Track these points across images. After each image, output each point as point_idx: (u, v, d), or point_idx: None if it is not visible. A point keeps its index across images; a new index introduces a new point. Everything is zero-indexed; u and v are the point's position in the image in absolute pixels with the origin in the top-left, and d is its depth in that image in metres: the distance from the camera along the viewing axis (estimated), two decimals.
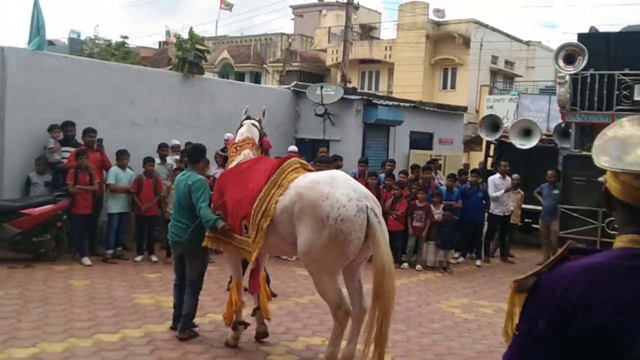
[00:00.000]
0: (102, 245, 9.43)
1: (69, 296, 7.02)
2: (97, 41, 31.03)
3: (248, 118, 6.55)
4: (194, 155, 6.19)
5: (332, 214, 4.61)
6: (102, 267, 8.74)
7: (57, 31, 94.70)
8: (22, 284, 7.38)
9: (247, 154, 5.96)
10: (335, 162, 11.16)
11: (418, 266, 10.44)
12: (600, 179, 1.62)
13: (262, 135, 6.44)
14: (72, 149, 9.30)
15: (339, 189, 4.75)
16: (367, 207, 4.71)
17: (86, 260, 8.81)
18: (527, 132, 13.06)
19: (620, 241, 1.55)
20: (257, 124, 6.45)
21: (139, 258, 9.37)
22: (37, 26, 9.97)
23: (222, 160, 11.03)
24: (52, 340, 5.48)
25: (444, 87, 30.96)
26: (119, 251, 9.52)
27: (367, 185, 10.87)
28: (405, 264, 10.52)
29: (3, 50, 9.26)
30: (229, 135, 11.35)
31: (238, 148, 6.07)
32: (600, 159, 1.54)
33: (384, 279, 4.61)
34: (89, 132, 9.44)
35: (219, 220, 5.40)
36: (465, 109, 17.94)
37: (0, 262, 8.39)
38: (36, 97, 9.52)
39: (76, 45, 29.99)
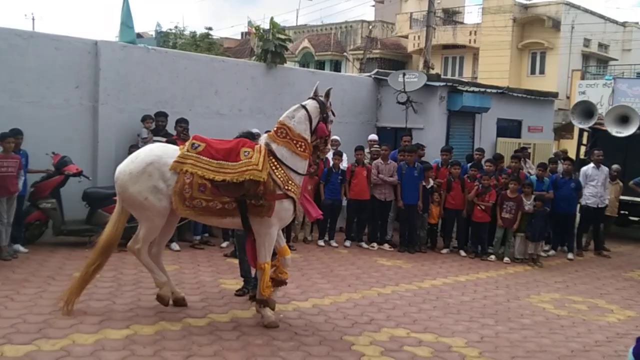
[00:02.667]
0: (189, 231, 9.71)
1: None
2: (182, 33, 31.97)
3: (315, 97, 6.08)
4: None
5: None
6: (189, 252, 8.99)
7: (145, 24, 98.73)
8: (116, 268, 7.70)
9: (262, 141, 5.94)
10: (417, 151, 10.95)
11: (506, 259, 10.07)
12: None
13: (321, 119, 5.97)
14: (163, 139, 9.60)
15: None
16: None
17: (175, 246, 9.10)
18: (624, 119, 12.28)
19: None
20: (317, 105, 5.99)
21: (224, 244, 9.57)
22: (126, 20, 10.35)
23: None
24: (144, 323, 5.67)
25: (532, 72, 29.76)
26: (205, 237, 9.78)
27: (450, 174, 10.63)
28: (493, 257, 10.18)
29: (97, 44, 9.66)
30: None
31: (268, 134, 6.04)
32: None
33: None
34: (180, 122, 9.71)
35: None
36: (555, 94, 17.08)
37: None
38: (127, 88, 9.89)
39: (163, 38, 31.01)
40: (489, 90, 14.13)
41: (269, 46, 11.86)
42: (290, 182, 5.73)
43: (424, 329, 6.15)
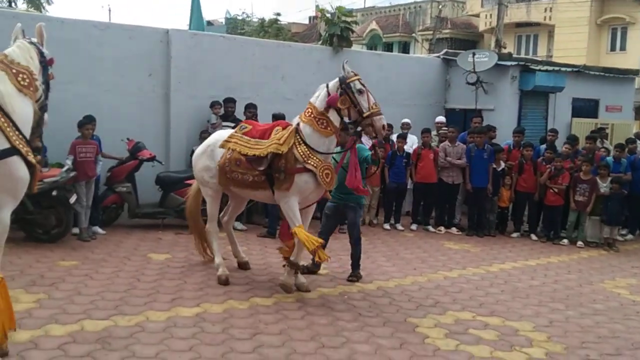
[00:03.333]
0: (257, 214, 9.94)
1: (228, 262, 7.41)
2: (251, 19, 32.39)
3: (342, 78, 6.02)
4: None
5: None
6: (257, 235, 9.19)
7: (214, 12, 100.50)
8: (188, 249, 7.99)
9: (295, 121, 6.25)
10: (488, 133, 10.70)
11: (579, 243, 9.72)
12: None
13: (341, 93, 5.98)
14: (231, 125, 9.82)
15: None
16: None
17: (238, 225, 9.40)
18: None
19: None
20: (337, 80, 6.04)
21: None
22: (196, 9, 10.62)
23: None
24: (214, 301, 5.88)
25: (612, 48, 28.33)
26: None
27: (522, 157, 10.32)
28: (565, 240, 9.86)
29: (168, 33, 9.97)
30: None
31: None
32: None
33: None
34: (249, 107, 9.90)
35: None
36: (636, 72, 16.16)
37: (169, 228, 9.17)
38: (197, 75, 10.16)
39: (232, 25, 31.52)
40: (563, 68, 13.57)
41: (334, 30, 11.86)
42: (311, 157, 5.99)
43: (490, 312, 6.07)
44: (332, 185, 6.22)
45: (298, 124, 6.16)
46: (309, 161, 5.98)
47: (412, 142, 10.91)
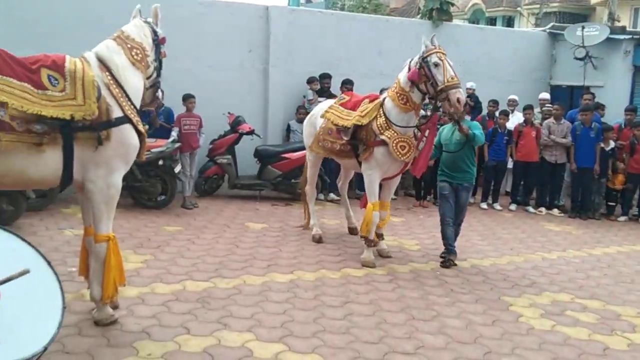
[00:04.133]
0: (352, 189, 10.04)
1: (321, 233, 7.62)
2: None
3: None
4: None
5: None
6: (353, 209, 9.25)
7: None
8: (283, 220, 8.23)
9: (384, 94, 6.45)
10: (596, 110, 10.12)
11: None
12: None
13: (420, 66, 5.95)
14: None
15: None
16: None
17: (332, 196, 9.67)
18: None
19: None
20: (418, 55, 6.04)
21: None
22: None
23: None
24: (307, 270, 6.04)
25: None
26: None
27: (634, 136, 9.66)
28: None
29: (267, 9, 10.17)
30: (472, 84, 11.00)
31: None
32: None
33: None
34: (346, 83, 9.95)
35: None
36: None
37: (266, 199, 9.47)
38: (295, 51, 10.32)
39: (331, 1, 31.53)
40: None
41: (434, 3, 11.61)
42: (388, 129, 6.09)
43: (590, 295, 5.81)
44: (407, 158, 6.18)
45: (384, 98, 6.29)
46: (385, 133, 6.10)
47: (518, 120, 10.53)
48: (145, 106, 4.87)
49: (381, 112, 6.20)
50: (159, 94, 4.92)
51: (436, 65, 5.83)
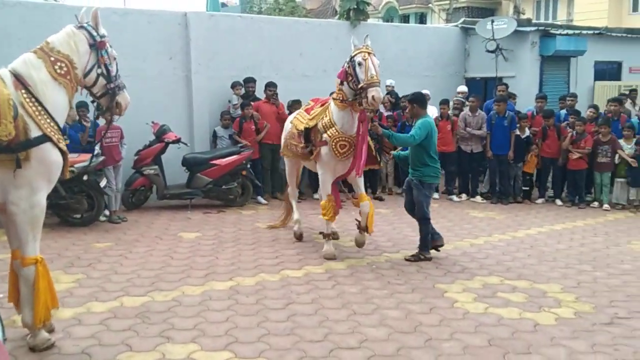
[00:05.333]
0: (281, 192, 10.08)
1: (257, 237, 7.63)
2: None
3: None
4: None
5: None
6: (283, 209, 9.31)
7: None
8: (217, 227, 8.17)
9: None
10: (507, 100, 10.61)
11: (605, 205, 9.68)
12: None
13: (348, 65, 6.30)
14: (251, 103, 9.93)
15: None
16: None
17: (260, 200, 9.78)
18: None
19: None
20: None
21: (316, 195, 10.11)
22: None
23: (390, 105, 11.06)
24: (246, 275, 6.04)
25: (635, 9, 27.62)
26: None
27: (545, 122, 10.21)
28: (595, 203, 9.80)
29: (186, 15, 10.05)
30: (391, 81, 11.32)
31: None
32: None
33: None
34: (269, 86, 10.00)
35: None
36: None
37: (197, 208, 9.36)
38: (217, 56, 10.25)
39: (247, 4, 31.42)
40: (584, 32, 13.39)
41: (351, 4, 11.82)
42: (329, 129, 6.39)
43: (517, 276, 6.14)
44: (346, 156, 6.39)
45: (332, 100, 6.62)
46: (328, 132, 6.38)
47: (432, 114, 10.87)
48: (102, 115, 4.72)
49: (327, 113, 6.51)
50: (123, 101, 4.70)
51: (359, 64, 6.06)
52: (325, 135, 6.40)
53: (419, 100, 6.77)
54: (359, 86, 6.03)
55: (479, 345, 4.43)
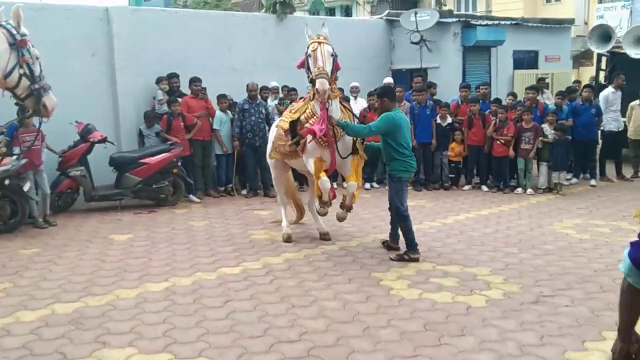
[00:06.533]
0: (214, 188, 10.04)
1: (191, 236, 7.54)
2: None
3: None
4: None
5: None
6: (218, 208, 9.25)
7: None
8: (149, 228, 8.01)
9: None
10: (428, 90, 10.91)
11: (529, 190, 10.13)
12: None
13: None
14: (178, 100, 9.76)
15: None
16: None
17: (193, 198, 9.73)
18: None
19: None
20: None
21: (244, 191, 10.27)
22: None
23: None
24: (181, 275, 5.96)
25: (548, 0, 28.92)
26: (229, 187, 10.32)
27: (470, 111, 10.58)
28: (519, 189, 10.23)
29: (108, 10, 9.74)
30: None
31: None
32: None
33: None
34: (194, 81, 9.87)
35: None
36: (572, 21, 16.68)
37: (127, 209, 9.13)
38: (142, 52, 10.00)
39: None
40: (503, 22, 13.93)
41: None
42: (312, 118, 6.47)
43: (449, 261, 6.35)
44: (326, 144, 6.41)
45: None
46: (310, 121, 6.49)
47: (361, 106, 11.04)
48: (28, 117, 4.51)
49: (308, 105, 6.59)
50: (49, 102, 4.48)
51: (309, 55, 6.28)
52: (307, 125, 6.45)
53: (388, 94, 6.63)
54: (310, 77, 6.31)
55: (415, 330, 4.57)
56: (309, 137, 6.41)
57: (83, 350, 4.28)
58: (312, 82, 6.21)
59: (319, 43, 6.27)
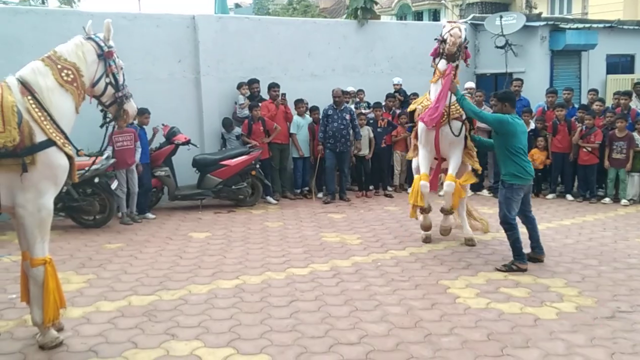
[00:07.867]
0: (290, 190, 10.24)
1: (265, 236, 7.74)
2: None
3: None
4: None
5: None
6: (293, 210, 9.42)
7: None
8: (226, 227, 8.29)
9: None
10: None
11: (623, 201, 9.56)
12: None
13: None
14: (259, 104, 10.05)
15: None
16: None
17: (270, 199, 9.93)
18: None
19: None
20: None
21: (320, 194, 10.36)
22: None
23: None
24: (252, 273, 6.14)
25: None
26: (305, 190, 10.51)
27: (556, 117, 10.17)
28: (607, 199, 9.73)
29: (194, 18, 10.18)
30: (398, 79, 11.36)
31: None
32: None
33: None
34: (273, 87, 10.11)
35: None
36: None
37: (208, 208, 9.49)
38: (225, 58, 10.37)
39: (259, 5, 31.57)
40: (595, 25, 13.28)
41: (358, 3, 11.88)
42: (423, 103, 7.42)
43: (522, 272, 6.15)
44: (432, 120, 7.00)
45: None
46: (422, 105, 7.47)
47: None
48: (109, 123, 4.88)
49: (426, 96, 7.57)
50: (130, 109, 4.87)
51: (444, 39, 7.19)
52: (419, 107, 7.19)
53: (510, 99, 6.45)
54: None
55: (478, 339, 4.48)
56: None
57: (153, 340, 4.52)
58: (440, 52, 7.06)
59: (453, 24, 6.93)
